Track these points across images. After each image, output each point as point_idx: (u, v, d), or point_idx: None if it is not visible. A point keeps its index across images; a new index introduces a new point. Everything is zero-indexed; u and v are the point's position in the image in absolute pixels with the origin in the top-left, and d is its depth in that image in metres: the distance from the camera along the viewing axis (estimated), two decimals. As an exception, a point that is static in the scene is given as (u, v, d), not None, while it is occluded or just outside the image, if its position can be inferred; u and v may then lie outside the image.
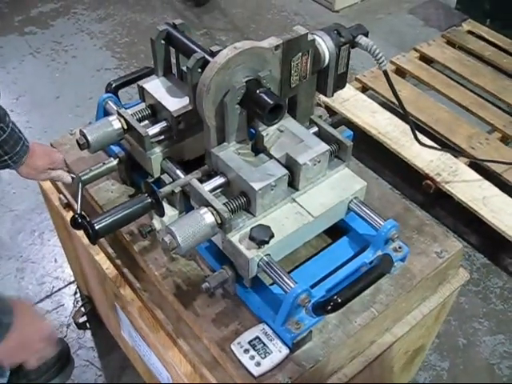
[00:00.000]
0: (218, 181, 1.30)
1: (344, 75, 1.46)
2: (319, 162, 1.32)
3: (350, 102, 2.82)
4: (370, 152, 2.69)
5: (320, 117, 1.50)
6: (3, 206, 1.28)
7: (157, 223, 1.38)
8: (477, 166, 2.57)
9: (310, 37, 1.32)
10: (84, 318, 2.18)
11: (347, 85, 2.97)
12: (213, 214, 1.19)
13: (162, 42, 1.44)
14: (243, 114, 1.29)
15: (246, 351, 1.25)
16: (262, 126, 1.34)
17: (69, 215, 1.71)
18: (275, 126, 1.34)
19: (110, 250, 1.56)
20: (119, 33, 3.68)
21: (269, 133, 1.35)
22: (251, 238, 1.20)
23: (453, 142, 2.65)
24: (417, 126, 2.73)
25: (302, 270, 1.37)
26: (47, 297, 2.26)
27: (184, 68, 1.46)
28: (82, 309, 2.17)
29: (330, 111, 2.83)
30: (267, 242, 1.20)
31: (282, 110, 1.24)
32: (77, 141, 1.39)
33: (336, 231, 1.47)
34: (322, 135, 1.41)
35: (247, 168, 1.27)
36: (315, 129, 1.43)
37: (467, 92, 2.95)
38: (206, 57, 1.29)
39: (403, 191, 2.68)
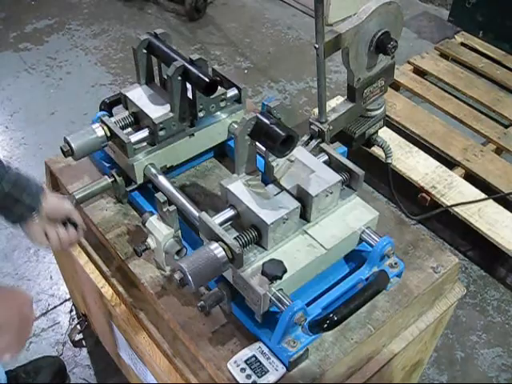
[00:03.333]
0: (228, 213, 1.28)
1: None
2: (331, 193, 1.30)
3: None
4: (365, 165, 2.67)
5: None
6: (-3, 224, 1.29)
7: (152, 242, 1.38)
8: (472, 178, 2.58)
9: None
10: (80, 336, 2.17)
11: (341, 98, 3.00)
12: (224, 249, 1.17)
13: (144, 51, 1.48)
14: (253, 146, 1.28)
15: (243, 370, 1.24)
16: (272, 156, 1.31)
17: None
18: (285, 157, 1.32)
19: (105, 269, 1.55)
20: (114, 48, 3.69)
21: (279, 163, 1.32)
22: (264, 274, 1.17)
23: (448, 155, 2.65)
24: (412, 139, 2.75)
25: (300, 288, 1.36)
26: (43, 314, 2.25)
27: (165, 76, 1.48)
28: (78, 326, 2.16)
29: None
30: (280, 278, 1.17)
31: (294, 142, 1.22)
32: (61, 148, 1.42)
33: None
34: (332, 163, 1.40)
35: (258, 200, 1.24)
36: (325, 157, 1.42)
37: (461, 104, 2.96)
38: (186, 65, 1.33)
39: (398, 204, 2.68)
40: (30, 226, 1.31)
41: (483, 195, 2.48)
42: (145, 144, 1.45)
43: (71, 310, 2.26)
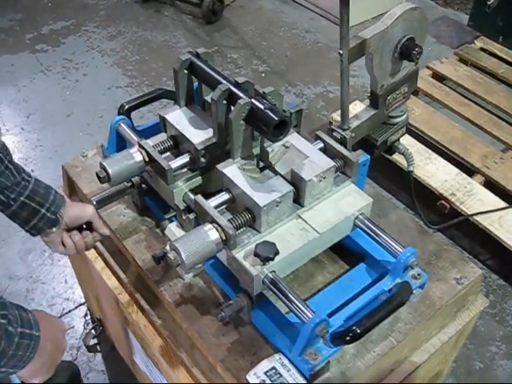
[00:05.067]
0: (223, 197, 1.29)
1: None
2: (325, 178, 1.31)
3: (362, 120, 2.79)
4: (384, 171, 2.65)
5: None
6: (13, 226, 1.26)
7: (169, 246, 1.36)
8: (492, 185, 2.54)
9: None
10: (95, 341, 2.15)
11: (359, 103, 2.97)
12: (217, 230, 1.19)
13: (185, 71, 1.40)
14: (248, 130, 1.29)
15: (263, 382, 1.21)
16: (268, 141, 1.33)
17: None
18: (280, 142, 1.34)
19: (123, 275, 1.54)
20: (130, 50, 3.69)
21: (274, 149, 1.34)
22: (256, 255, 1.19)
23: (468, 162, 2.62)
24: (431, 146, 2.71)
25: (318, 297, 1.34)
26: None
27: (207, 98, 1.44)
28: (93, 331, 2.14)
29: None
30: (272, 259, 1.19)
31: (288, 127, 1.24)
32: (97, 174, 1.35)
33: (353, 257, 1.45)
34: (327, 151, 1.40)
35: (252, 184, 1.26)
36: (321, 144, 1.42)
37: (481, 110, 2.92)
38: (232, 88, 1.27)
39: (417, 211, 2.64)
40: (48, 234, 1.30)
41: (503, 203, 2.44)
42: (185, 170, 1.39)
43: (86, 315, 2.25)
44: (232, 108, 1.26)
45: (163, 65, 3.56)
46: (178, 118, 1.42)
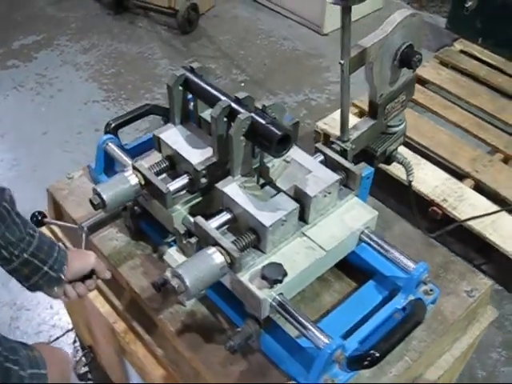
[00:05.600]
0: (224, 217, 1.23)
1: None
2: (329, 193, 1.26)
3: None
4: (373, 180, 2.61)
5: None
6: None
7: (170, 273, 1.28)
8: (482, 189, 2.51)
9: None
10: (85, 369, 2.06)
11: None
12: (222, 253, 1.12)
13: (180, 88, 1.32)
14: (248, 147, 1.23)
15: (278, 413, 1.15)
16: (268, 156, 1.28)
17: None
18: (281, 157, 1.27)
19: (117, 303, 1.46)
20: (105, 63, 3.60)
21: (274, 164, 1.29)
22: (263, 278, 1.14)
23: (457, 166, 2.59)
24: (418, 151, 2.68)
25: (329, 319, 1.28)
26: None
27: (203, 115, 1.38)
28: (83, 359, 2.05)
29: (329, 138, 2.76)
30: (281, 281, 1.13)
31: (291, 141, 1.18)
32: (90, 201, 1.27)
33: (360, 273, 1.40)
34: (328, 164, 1.35)
35: (255, 203, 1.20)
36: (321, 157, 1.37)
37: (465, 113, 2.90)
38: (232, 105, 1.21)
39: (408, 219, 2.60)
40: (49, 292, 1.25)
41: (495, 206, 2.41)
42: (184, 192, 1.31)
43: (75, 341, 2.16)
44: (232, 124, 1.20)
45: (140, 77, 3.48)
46: (174, 137, 1.35)
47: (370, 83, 1.41)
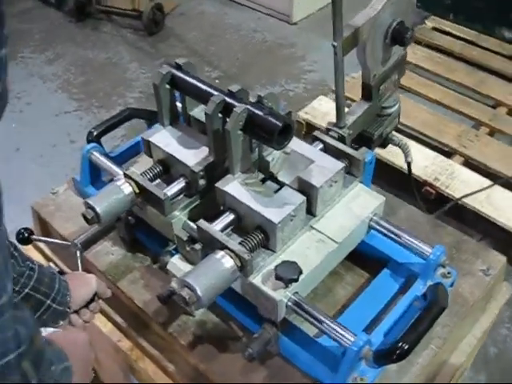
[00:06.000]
0: (228, 218, 1.16)
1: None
2: (336, 182, 1.21)
3: (331, 114, 2.68)
4: (356, 141, 2.55)
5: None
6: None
7: (178, 283, 1.21)
8: (471, 164, 2.48)
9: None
10: (88, 390, 1.97)
11: (323, 98, 2.88)
12: (231, 257, 1.06)
13: (167, 86, 1.24)
14: (246, 141, 1.16)
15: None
16: (267, 149, 1.21)
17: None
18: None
19: (120, 320, 1.38)
20: (72, 73, 3.48)
21: (274, 157, 1.23)
22: (278, 278, 1.08)
23: (444, 144, 2.55)
24: (404, 133, 2.63)
25: (347, 314, 1.22)
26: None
27: (193, 113, 1.30)
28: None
29: (312, 127, 2.70)
30: (296, 280, 1.08)
31: (292, 131, 1.12)
32: (83, 215, 1.19)
33: (371, 263, 1.34)
34: (328, 152, 1.29)
35: (260, 200, 1.14)
36: (320, 145, 1.32)
37: (445, 90, 2.87)
38: (226, 99, 1.13)
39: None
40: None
41: (487, 181, 2.38)
42: (181, 196, 1.23)
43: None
44: (228, 120, 1.13)
45: (110, 83, 3.37)
46: (165, 139, 1.27)
47: (362, 64, 1.35)
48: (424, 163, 2.46)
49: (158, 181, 1.28)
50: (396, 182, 2.34)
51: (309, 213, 1.19)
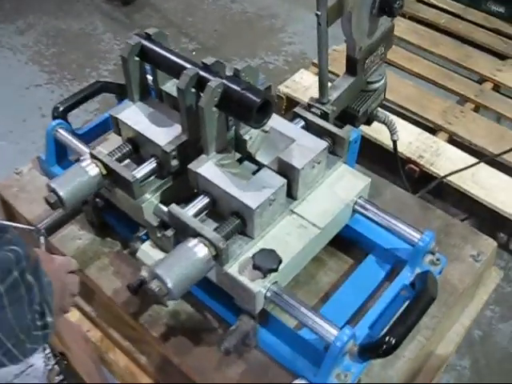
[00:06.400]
0: (202, 202, 1.08)
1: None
2: (318, 163, 1.13)
3: (312, 89, 2.60)
4: (339, 118, 2.47)
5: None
6: None
7: (148, 273, 1.13)
8: (457, 141, 2.41)
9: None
10: (60, 377, 1.89)
11: (305, 71, 2.78)
12: (205, 245, 0.98)
13: (136, 58, 1.13)
14: (222, 118, 1.07)
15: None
16: (244, 127, 1.13)
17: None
18: (257, 127, 1.13)
19: (89, 309, 1.30)
20: (44, 44, 3.33)
21: (252, 135, 1.15)
22: (256, 268, 1.00)
23: (428, 120, 2.48)
24: (387, 108, 2.55)
25: (331, 303, 1.15)
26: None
27: (165, 88, 1.20)
28: (57, 367, 1.88)
29: (293, 102, 2.61)
30: (276, 270, 1.00)
31: (272, 108, 1.03)
32: (46, 199, 1.09)
33: (355, 248, 1.27)
34: (310, 130, 1.21)
35: (236, 182, 1.06)
36: (301, 123, 1.24)
37: (430, 64, 2.78)
38: (200, 73, 1.04)
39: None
40: None
41: (472, 159, 2.31)
42: (152, 178, 1.14)
43: (45, 348, 1.97)
44: (202, 95, 1.03)
45: (83, 55, 3.23)
46: (135, 116, 1.17)
47: (347, 36, 1.26)
48: (408, 139, 2.39)
49: (127, 161, 1.18)
50: (379, 159, 2.28)
51: (289, 196, 1.11)
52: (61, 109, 1.39)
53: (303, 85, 2.63)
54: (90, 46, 3.30)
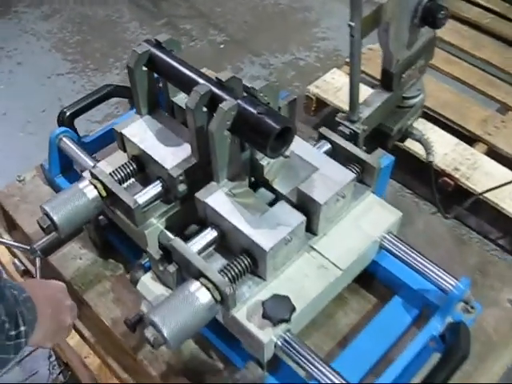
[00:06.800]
0: (209, 235, 0.97)
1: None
2: (343, 197, 1.00)
3: (343, 90, 2.45)
4: (370, 136, 2.34)
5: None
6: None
7: (147, 309, 1.02)
8: (496, 153, 2.25)
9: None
10: (64, 387, 1.82)
11: (337, 70, 2.63)
12: (209, 289, 0.87)
13: (144, 68, 1.02)
14: (235, 143, 0.95)
15: None
16: None
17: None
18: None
19: (88, 334, 1.20)
20: (69, 30, 3.24)
21: (270, 160, 1.03)
22: (266, 317, 0.89)
23: (466, 129, 2.32)
24: (423, 114, 2.40)
25: (349, 350, 1.03)
26: (17, 363, 1.87)
27: (176, 100, 1.09)
28: (61, 376, 1.80)
29: (322, 104, 2.48)
30: (288, 320, 0.90)
31: (292, 136, 0.91)
32: (38, 222, 1.00)
33: (380, 285, 1.14)
34: (337, 154, 1.09)
35: (248, 217, 0.94)
36: (327, 145, 1.10)
37: (471, 67, 2.62)
38: (214, 90, 0.91)
39: (415, 190, 2.35)
40: None
41: (512, 173, 2.16)
42: (158, 202, 1.03)
43: (50, 356, 1.90)
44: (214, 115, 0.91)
45: (108, 44, 3.14)
46: (141, 132, 1.05)
47: (384, 48, 1.13)
48: (443, 150, 2.24)
49: (131, 180, 1.07)
50: (409, 166, 2.14)
51: (308, 230, 0.99)
52: (67, 114, 1.30)
53: (334, 85, 2.49)
54: (115, 34, 3.20)
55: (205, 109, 0.92)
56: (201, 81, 0.94)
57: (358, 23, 1.00)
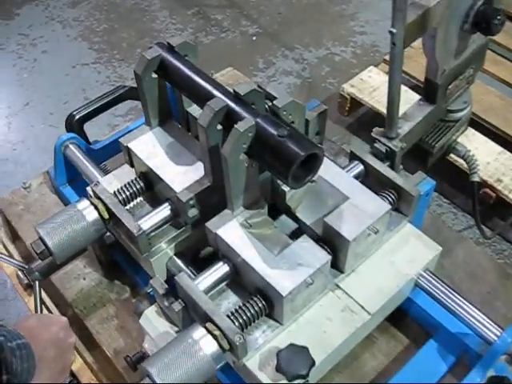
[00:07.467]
0: (221, 270, 0.86)
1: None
2: (376, 232, 0.87)
3: (380, 90, 2.31)
4: (409, 152, 2.20)
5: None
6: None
7: (150, 346, 0.91)
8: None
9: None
10: (71, 400, 1.74)
11: (374, 68, 2.48)
12: (216, 337, 0.76)
13: (154, 75, 0.91)
14: (254, 167, 0.83)
15: None
16: None
17: (31, 299, 1.23)
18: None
19: (91, 359, 1.10)
20: (96, 18, 3.15)
21: None
22: (281, 371, 0.78)
23: (510, 136, 2.15)
24: (465, 118, 2.24)
25: (376, 404, 0.91)
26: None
27: (191, 110, 0.97)
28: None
29: (357, 104, 2.33)
30: (306, 377, 0.78)
31: (319, 163, 0.79)
32: (31, 246, 0.90)
33: (413, 324, 1.02)
34: (370, 177, 0.97)
35: (265, 254, 0.82)
36: (359, 167, 0.97)
37: (519, 69, 2.44)
38: (231, 105, 0.79)
39: (453, 200, 2.19)
40: None
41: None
42: (167, 226, 0.92)
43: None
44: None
45: (136, 33, 3.04)
46: (150, 147, 0.94)
47: (429, 57, 0.99)
48: (486, 159, 2.08)
49: (139, 199, 0.96)
50: (448, 174, 1.99)
51: (334, 266, 0.87)
52: (76, 118, 1.19)
53: (371, 85, 2.34)
54: (144, 23, 3.10)
55: (220, 126, 0.80)
56: (216, 93, 0.82)
57: (400, 29, 0.86)
